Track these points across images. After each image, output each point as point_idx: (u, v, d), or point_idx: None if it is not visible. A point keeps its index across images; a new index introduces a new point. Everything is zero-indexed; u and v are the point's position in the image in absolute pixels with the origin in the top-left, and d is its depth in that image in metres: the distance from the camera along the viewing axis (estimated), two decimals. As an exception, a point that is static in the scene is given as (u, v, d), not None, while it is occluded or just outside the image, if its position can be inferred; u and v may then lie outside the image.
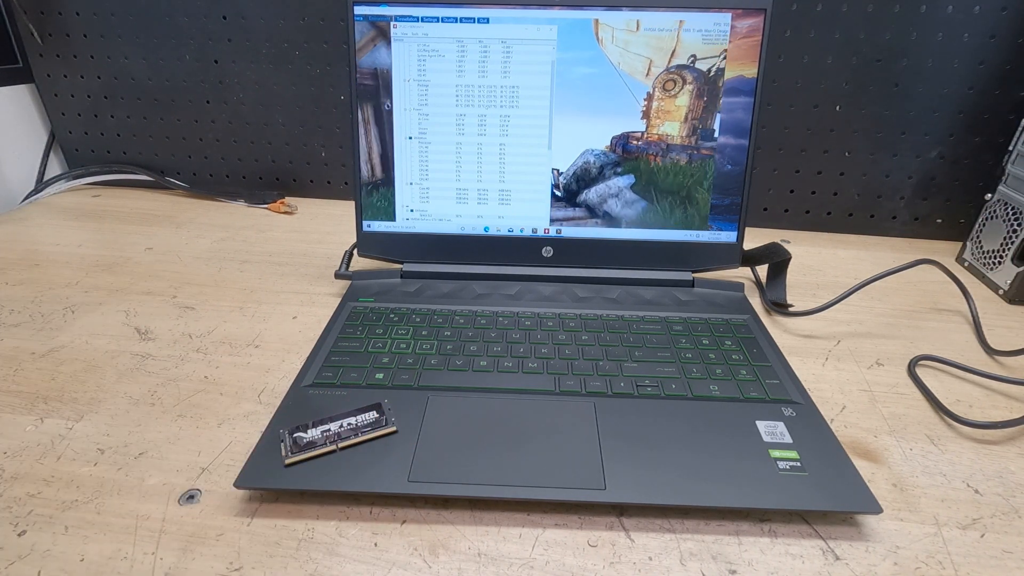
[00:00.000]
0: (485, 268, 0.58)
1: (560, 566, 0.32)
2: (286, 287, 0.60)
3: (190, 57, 0.77)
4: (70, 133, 0.84)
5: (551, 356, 0.47)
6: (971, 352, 0.52)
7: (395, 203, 0.57)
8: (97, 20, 0.76)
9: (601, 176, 0.55)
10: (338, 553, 0.32)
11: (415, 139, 0.55)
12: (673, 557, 0.32)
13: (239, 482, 0.34)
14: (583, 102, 0.53)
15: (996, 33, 0.64)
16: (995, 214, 0.64)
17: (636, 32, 0.52)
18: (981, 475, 0.39)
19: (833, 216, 0.77)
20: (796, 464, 0.36)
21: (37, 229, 0.72)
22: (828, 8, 0.66)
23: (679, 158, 0.54)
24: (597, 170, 0.55)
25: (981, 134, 0.69)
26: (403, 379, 0.44)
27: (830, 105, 0.70)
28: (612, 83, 0.53)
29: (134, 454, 0.38)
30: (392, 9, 0.52)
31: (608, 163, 0.55)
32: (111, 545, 0.32)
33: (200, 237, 0.71)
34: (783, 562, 0.32)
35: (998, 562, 0.33)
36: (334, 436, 0.37)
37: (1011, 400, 0.46)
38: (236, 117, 0.80)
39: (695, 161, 0.54)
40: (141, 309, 0.55)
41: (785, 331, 0.54)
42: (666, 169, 0.55)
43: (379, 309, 0.53)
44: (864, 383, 0.47)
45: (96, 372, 0.46)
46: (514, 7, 0.52)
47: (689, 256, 0.57)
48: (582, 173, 0.55)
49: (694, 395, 0.43)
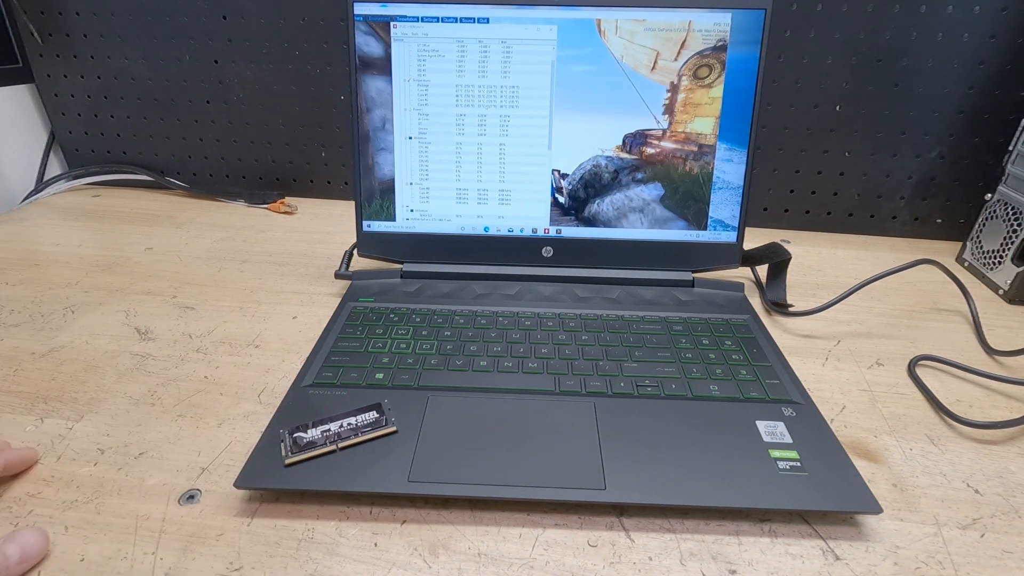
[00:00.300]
0: (485, 268, 0.58)
1: (560, 566, 0.32)
2: (286, 287, 0.60)
3: (190, 57, 0.77)
4: (70, 133, 0.84)
5: (551, 356, 0.47)
6: (971, 352, 0.52)
7: (395, 203, 0.57)
8: (97, 20, 0.76)
9: (617, 184, 0.51)
10: (338, 553, 0.32)
11: (415, 139, 0.55)
12: (673, 557, 0.32)
13: (239, 482, 0.34)
14: (585, 101, 0.53)
15: (996, 33, 0.64)
16: (995, 214, 0.64)
17: (642, 23, 0.51)
18: (981, 475, 0.39)
19: (833, 216, 0.77)
20: (796, 464, 0.36)
21: (37, 229, 0.72)
22: (828, 8, 0.66)
23: (706, 162, 0.51)
24: (611, 175, 0.50)
25: (981, 134, 0.69)
26: (403, 379, 0.44)
27: (830, 105, 0.70)
28: (616, 80, 0.53)
29: (134, 454, 0.38)
30: (392, 9, 0.52)
31: (624, 167, 0.50)
32: (111, 545, 0.32)
33: (200, 237, 0.71)
34: (783, 562, 0.32)
35: (998, 562, 0.33)
36: (334, 436, 0.37)
37: (1011, 400, 0.46)
38: (236, 117, 0.80)
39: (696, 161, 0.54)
40: (141, 309, 0.55)
41: (785, 331, 0.54)
42: (692, 176, 0.52)
43: (379, 309, 0.53)
44: (864, 383, 0.47)
45: (96, 372, 0.46)
46: (514, 7, 0.52)
47: (689, 256, 0.57)
48: (591, 178, 0.51)
49: (694, 395, 0.43)
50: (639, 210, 0.53)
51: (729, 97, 0.53)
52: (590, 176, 0.54)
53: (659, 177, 0.55)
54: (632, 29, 0.52)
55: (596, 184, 0.54)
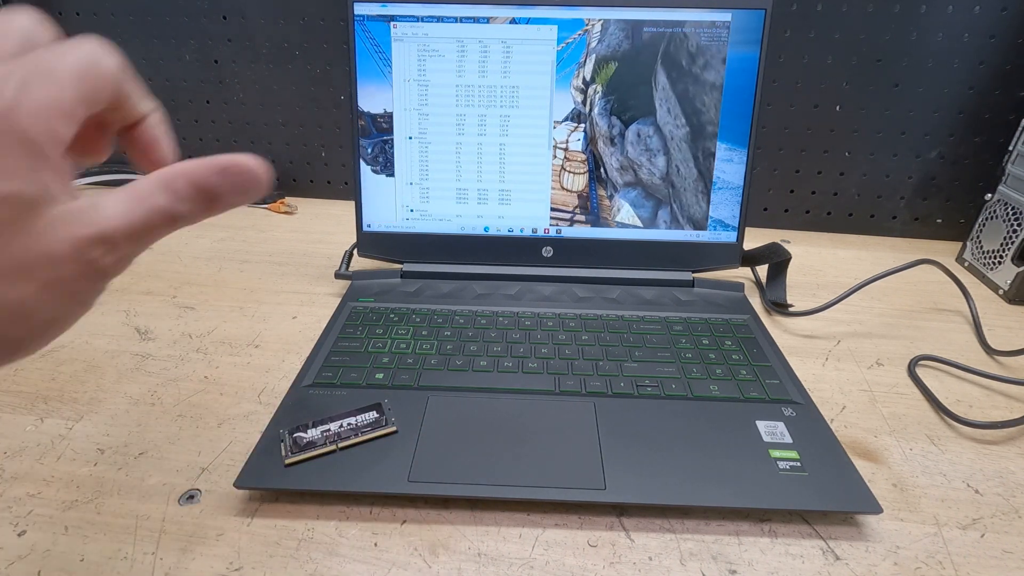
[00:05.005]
0: (485, 268, 0.58)
1: (560, 566, 0.32)
2: (286, 287, 0.60)
3: (190, 57, 0.77)
4: (70, 133, 0.84)
5: (551, 356, 0.47)
6: (971, 352, 0.52)
7: (395, 203, 0.56)
8: (97, 20, 0.76)
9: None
10: (338, 553, 0.32)
11: (415, 139, 0.55)
12: (673, 557, 0.32)
13: (239, 482, 0.34)
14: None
15: (996, 33, 0.64)
16: (995, 214, 0.64)
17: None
18: (981, 475, 0.39)
19: (833, 216, 0.77)
20: (796, 464, 0.36)
21: (37, 229, 0.72)
22: (828, 8, 0.66)
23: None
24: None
25: (981, 134, 0.69)
26: (403, 379, 0.44)
27: (830, 105, 0.70)
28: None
29: (134, 454, 0.38)
30: (392, 9, 0.52)
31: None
32: (111, 545, 0.32)
33: (200, 237, 0.71)
34: (783, 562, 0.32)
35: (998, 562, 0.33)
36: (334, 436, 0.37)
37: (1011, 400, 0.46)
38: (236, 117, 0.80)
39: (697, 160, 0.54)
40: (141, 309, 0.55)
41: (785, 331, 0.54)
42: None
43: (379, 309, 0.53)
44: (864, 383, 0.47)
45: (96, 372, 0.46)
46: (514, 7, 0.52)
47: (689, 256, 0.57)
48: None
49: (694, 395, 0.43)
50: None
51: (729, 97, 0.53)
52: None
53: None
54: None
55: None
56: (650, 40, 0.52)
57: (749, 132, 0.53)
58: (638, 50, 0.52)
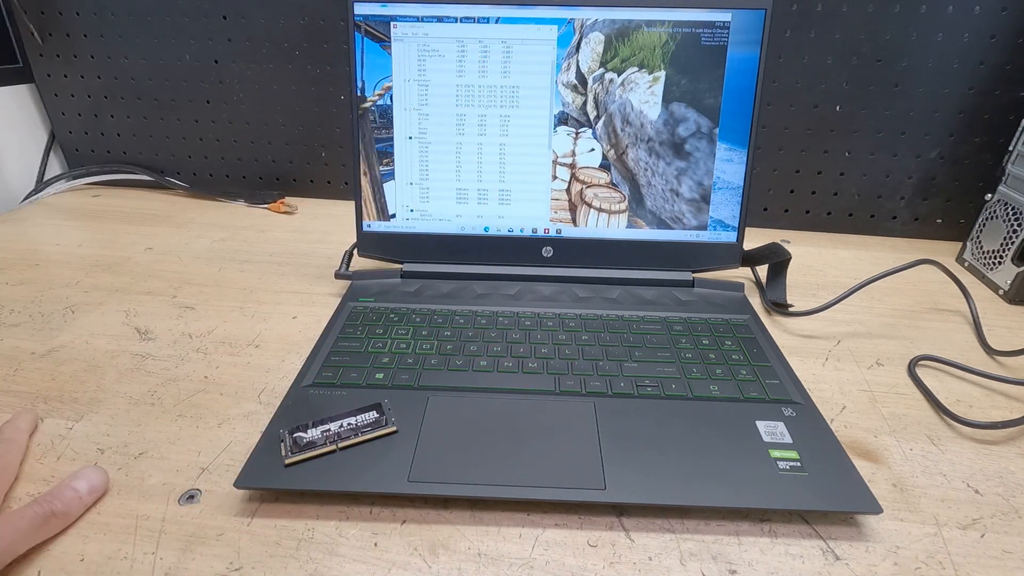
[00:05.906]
0: (485, 268, 0.58)
1: (560, 566, 0.32)
2: (286, 287, 0.60)
3: (190, 57, 0.77)
4: (70, 133, 0.84)
5: (551, 356, 0.47)
6: (971, 352, 0.52)
7: (395, 203, 0.57)
8: (97, 20, 0.76)
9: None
10: (338, 553, 0.32)
11: (415, 139, 0.55)
12: (673, 557, 0.32)
13: (239, 482, 0.34)
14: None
15: (996, 33, 0.64)
16: (995, 214, 0.64)
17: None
18: (981, 475, 0.39)
19: (833, 216, 0.77)
20: (796, 464, 0.36)
21: (37, 229, 0.72)
22: (828, 8, 0.66)
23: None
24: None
25: (981, 134, 0.69)
26: (403, 379, 0.44)
27: (830, 105, 0.70)
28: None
29: (134, 454, 0.38)
30: (392, 9, 0.52)
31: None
32: (111, 545, 0.32)
33: (200, 237, 0.71)
34: (783, 562, 0.32)
35: (998, 562, 0.33)
36: (334, 436, 0.37)
37: (1011, 400, 0.46)
38: (236, 117, 0.80)
39: (697, 160, 0.54)
40: (141, 309, 0.55)
41: (785, 331, 0.54)
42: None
43: (379, 309, 0.53)
44: (864, 383, 0.47)
45: (96, 372, 0.46)
46: (514, 7, 0.52)
47: (689, 256, 0.57)
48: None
49: (694, 395, 0.43)
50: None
51: (729, 97, 0.53)
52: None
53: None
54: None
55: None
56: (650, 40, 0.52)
57: (749, 132, 0.53)
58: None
